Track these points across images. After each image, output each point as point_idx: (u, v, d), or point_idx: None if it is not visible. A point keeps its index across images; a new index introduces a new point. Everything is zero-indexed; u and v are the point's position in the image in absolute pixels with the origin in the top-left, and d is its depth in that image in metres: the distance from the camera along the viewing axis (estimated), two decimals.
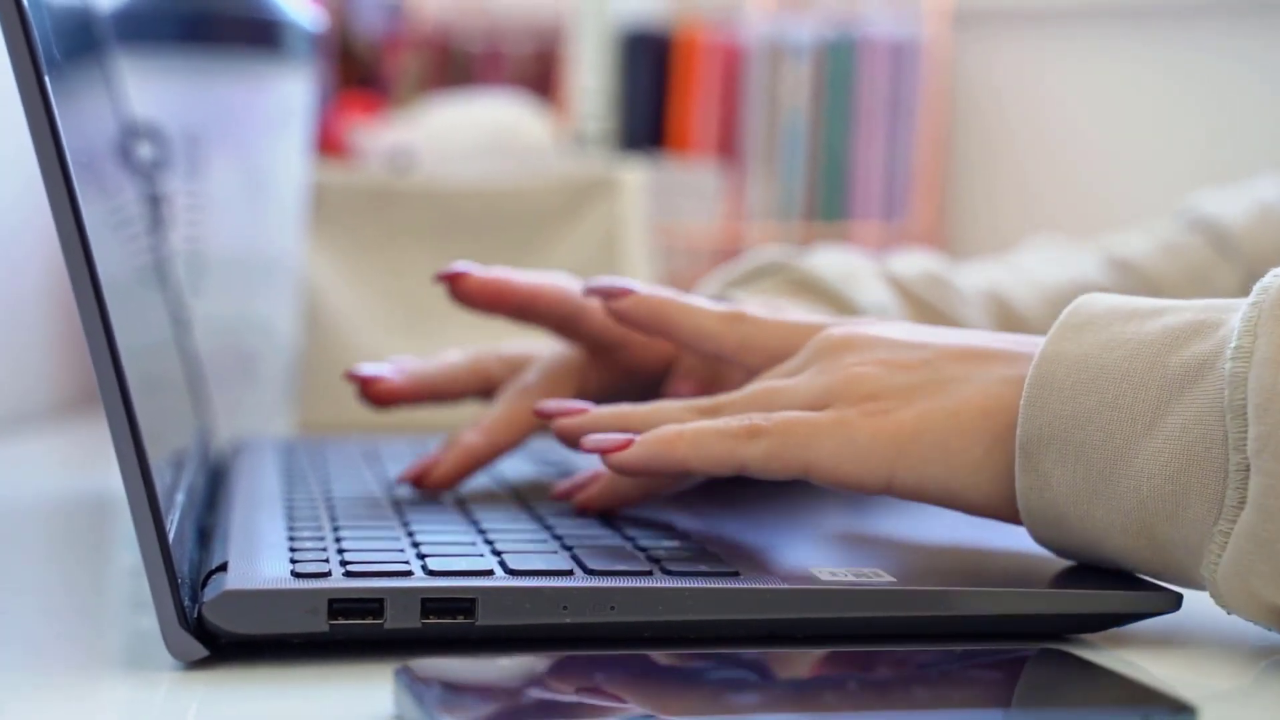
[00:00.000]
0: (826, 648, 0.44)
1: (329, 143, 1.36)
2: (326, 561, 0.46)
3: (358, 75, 1.74)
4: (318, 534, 0.51)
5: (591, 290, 0.60)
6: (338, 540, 0.50)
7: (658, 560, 0.48)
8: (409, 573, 0.45)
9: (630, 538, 0.52)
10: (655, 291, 0.59)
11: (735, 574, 0.47)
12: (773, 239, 3.13)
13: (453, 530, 0.52)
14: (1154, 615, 0.48)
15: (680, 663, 0.41)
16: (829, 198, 3.22)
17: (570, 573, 0.46)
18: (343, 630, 0.44)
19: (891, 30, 3.19)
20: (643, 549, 0.50)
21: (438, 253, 1.08)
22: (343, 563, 0.46)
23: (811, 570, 0.48)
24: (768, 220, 3.20)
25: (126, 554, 0.59)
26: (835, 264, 0.75)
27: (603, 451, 0.52)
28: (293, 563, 0.46)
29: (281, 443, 0.75)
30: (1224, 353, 0.45)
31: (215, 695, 0.41)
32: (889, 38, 3.19)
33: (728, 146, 3.25)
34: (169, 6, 0.82)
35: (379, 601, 0.44)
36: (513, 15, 3.34)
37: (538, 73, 3.28)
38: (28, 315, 1.01)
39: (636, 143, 3.18)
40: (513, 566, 0.46)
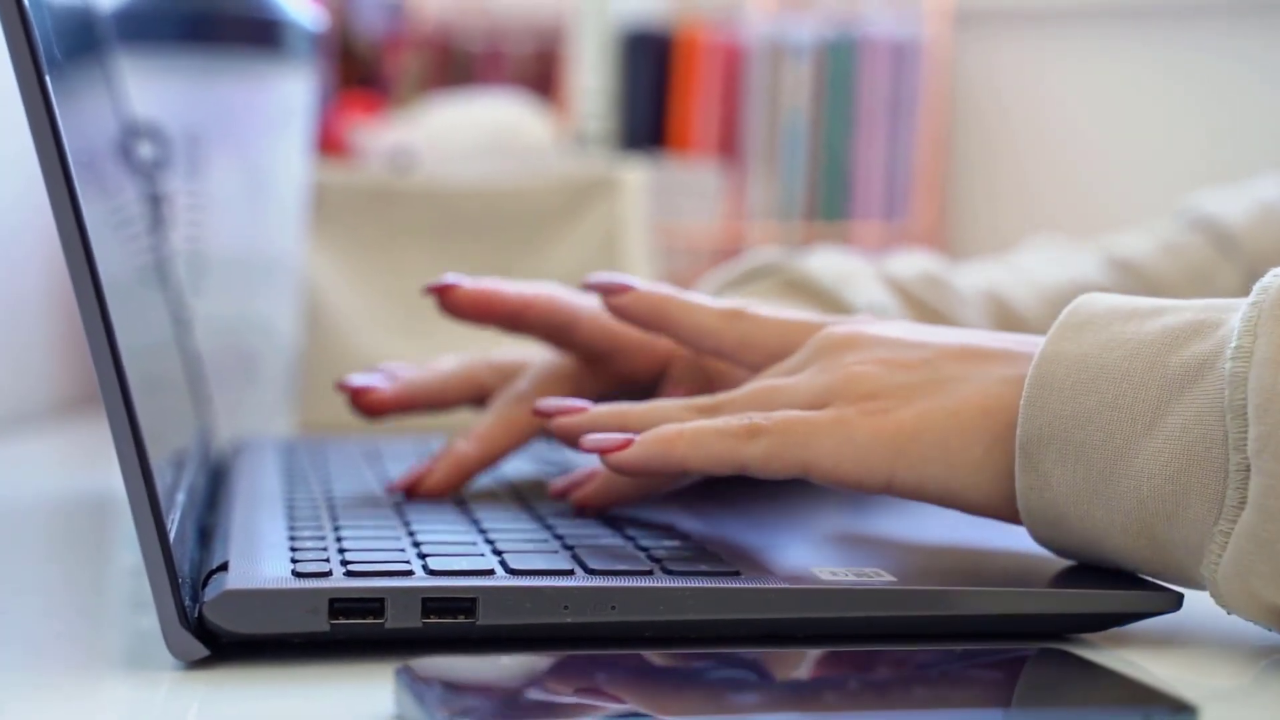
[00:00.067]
0: (826, 647, 0.44)
1: (329, 142, 1.35)
2: (327, 561, 0.46)
3: (358, 75, 1.74)
4: (318, 534, 0.51)
5: (590, 286, 0.60)
6: (338, 540, 0.50)
7: (658, 560, 0.48)
8: (410, 572, 0.45)
9: (631, 537, 0.52)
10: (655, 288, 0.59)
11: (736, 574, 0.47)
12: (773, 239, 3.13)
13: (453, 530, 0.52)
14: (1154, 615, 0.48)
15: (681, 663, 0.41)
16: (829, 198, 3.22)
17: (571, 572, 0.46)
18: (343, 630, 0.44)
19: (892, 30, 3.19)
20: (643, 549, 0.50)
21: (438, 253, 1.08)
22: (343, 562, 0.46)
23: (812, 570, 0.48)
24: (768, 220, 3.20)
25: (127, 554, 0.59)
26: (831, 265, 0.75)
27: (602, 451, 0.52)
28: (293, 562, 0.46)
29: (282, 442, 0.75)
30: (1224, 353, 0.45)
31: (216, 695, 0.41)
32: (890, 38, 3.19)
33: (728, 146, 3.25)
34: (169, 6, 0.82)
35: (380, 601, 0.44)
36: (513, 15, 3.34)
37: (538, 72, 3.28)
38: (28, 315, 1.01)
39: (637, 142, 3.18)
40: (513, 566, 0.46)
